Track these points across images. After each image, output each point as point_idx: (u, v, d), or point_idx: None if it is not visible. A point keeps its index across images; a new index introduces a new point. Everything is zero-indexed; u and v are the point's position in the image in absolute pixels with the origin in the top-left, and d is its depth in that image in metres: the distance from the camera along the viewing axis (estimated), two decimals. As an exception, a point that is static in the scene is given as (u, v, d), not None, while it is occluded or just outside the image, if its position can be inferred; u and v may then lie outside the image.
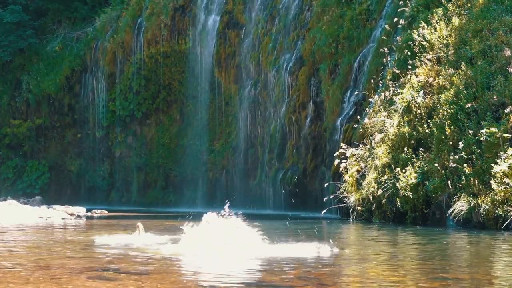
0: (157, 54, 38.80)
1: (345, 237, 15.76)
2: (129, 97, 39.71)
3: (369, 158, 20.33)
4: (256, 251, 10.53)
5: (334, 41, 27.63)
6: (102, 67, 40.62)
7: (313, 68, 28.99)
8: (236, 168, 34.62)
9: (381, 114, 20.62)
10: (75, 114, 41.60)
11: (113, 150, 40.34)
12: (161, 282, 7.95)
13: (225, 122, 36.01)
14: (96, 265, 9.52)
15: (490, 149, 16.43)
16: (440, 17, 21.05)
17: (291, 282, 8.09)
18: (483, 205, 15.90)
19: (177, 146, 38.38)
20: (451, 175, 17.20)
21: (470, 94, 18.16)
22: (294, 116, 29.75)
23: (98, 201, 38.49)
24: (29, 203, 31.13)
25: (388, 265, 9.51)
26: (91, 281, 8.01)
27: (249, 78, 34.46)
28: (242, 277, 8.55)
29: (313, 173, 28.34)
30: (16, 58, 42.67)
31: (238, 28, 35.57)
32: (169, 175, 38.32)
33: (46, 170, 41.80)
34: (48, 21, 43.53)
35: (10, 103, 42.93)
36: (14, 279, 8.15)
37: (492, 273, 8.90)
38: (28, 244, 13.24)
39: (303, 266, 9.38)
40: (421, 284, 7.81)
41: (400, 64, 21.38)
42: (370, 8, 27.03)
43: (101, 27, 41.20)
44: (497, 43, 18.87)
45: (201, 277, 8.61)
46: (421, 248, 12.28)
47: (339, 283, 8.07)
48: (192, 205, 35.41)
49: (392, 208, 18.92)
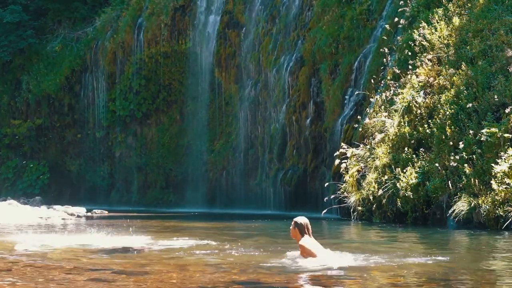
0: (157, 54, 38.78)
1: (346, 237, 15.75)
2: (129, 97, 39.69)
3: (370, 158, 20.32)
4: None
5: (335, 41, 27.62)
6: (102, 67, 40.60)
7: (313, 68, 28.98)
8: (236, 168, 34.60)
9: (381, 114, 20.60)
10: (75, 114, 41.58)
11: (113, 150, 40.31)
12: (162, 282, 7.93)
13: (225, 122, 35.99)
14: (96, 266, 9.51)
15: (491, 149, 16.41)
16: (441, 17, 21.04)
17: (291, 282, 8.07)
18: (483, 205, 15.88)
19: (177, 146, 38.36)
20: (451, 175, 17.18)
21: (470, 94, 18.15)
22: (294, 116, 29.74)
23: (98, 201, 38.44)
24: (29, 203, 31.12)
25: (388, 265, 9.48)
26: (91, 282, 8.00)
27: (249, 78, 34.44)
28: (241, 276, 8.52)
29: (313, 173, 28.32)
30: (16, 58, 42.65)
31: (238, 28, 35.55)
32: (169, 175, 38.29)
33: (46, 170, 41.77)
34: (48, 21, 43.51)
35: (10, 103, 42.91)
36: (14, 279, 8.13)
37: (492, 273, 8.89)
38: (27, 244, 13.21)
39: (303, 265, 9.35)
40: (421, 284, 7.79)
41: (401, 64, 21.36)
42: (370, 8, 27.02)
43: (101, 27, 41.19)
44: (498, 43, 18.85)
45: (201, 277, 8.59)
46: (420, 248, 12.26)
47: (339, 283, 8.05)
48: (192, 205, 35.41)
49: (392, 208, 18.90)
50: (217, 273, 8.81)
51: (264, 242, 13.53)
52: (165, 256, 10.67)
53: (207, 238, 13.93)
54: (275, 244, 12.64)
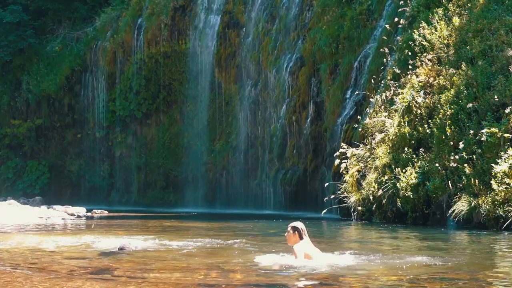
0: (157, 54, 38.79)
1: (346, 237, 15.75)
2: (129, 97, 39.70)
3: (370, 158, 20.32)
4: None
5: (335, 41, 27.62)
6: (102, 67, 40.61)
7: (313, 68, 28.98)
8: (236, 168, 34.60)
9: (381, 114, 20.61)
10: (75, 114, 41.61)
11: (113, 150, 40.32)
12: (162, 281, 7.93)
13: (225, 122, 35.99)
14: (96, 265, 9.51)
15: (491, 149, 16.41)
16: (441, 17, 21.04)
17: (291, 282, 8.08)
18: (483, 205, 15.88)
19: (177, 146, 38.37)
20: (451, 175, 17.18)
21: (470, 94, 18.15)
22: (294, 116, 29.74)
23: (98, 201, 38.47)
24: (29, 203, 31.12)
25: (388, 265, 9.48)
26: (91, 281, 8.00)
27: (249, 78, 34.45)
28: (242, 276, 8.53)
29: (313, 173, 28.32)
30: (16, 58, 42.67)
31: (238, 28, 35.56)
32: (169, 175, 38.29)
33: (46, 170, 41.79)
34: (48, 21, 43.52)
35: (10, 103, 42.94)
36: (14, 279, 8.13)
37: (492, 273, 8.89)
38: (27, 244, 13.22)
39: (303, 265, 9.35)
40: (421, 284, 7.79)
41: (401, 64, 21.36)
42: (370, 8, 27.02)
43: (101, 27, 41.21)
44: (498, 43, 18.85)
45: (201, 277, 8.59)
46: (421, 248, 12.26)
47: (340, 283, 8.05)
48: (192, 205, 35.43)
49: (392, 208, 18.91)
50: (217, 273, 8.81)
51: (264, 242, 13.53)
52: (165, 256, 10.67)
53: (207, 238, 13.94)
54: (275, 244, 12.64)
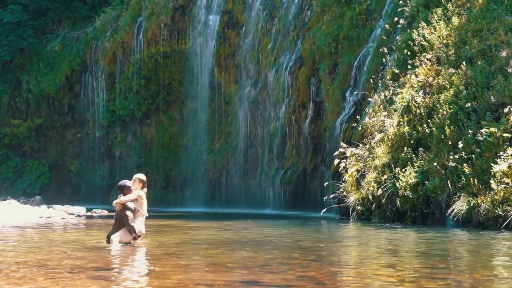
0: (157, 54, 38.81)
1: (345, 237, 15.77)
2: (129, 97, 39.72)
3: (369, 158, 20.34)
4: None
5: (334, 41, 27.65)
6: (102, 67, 40.63)
7: (313, 68, 29.01)
8: (236, 168, 34.62)
9: (380, 114, 20.63)
10: (75, 114, 41.62)
11: (113, 150, 40.34)
12: (162, 281, 7.95)
13: (225, 122, 36.01)
14: (97, 264, 9.53)
15: (490, 149, 16.43)
16: (440, 17, 21.06)
17: (291, 281, 8.10)
18: (482, 204, 15.90)
19: (177, 146, 38.39)
20: (450, 175, 17.20)
21: (469, 94, 18.17)
22: (294, 116, 29.76)
23: (98, 201, 38.45)
24: (29, 202, 31.13)
25: (388, 265, 9.51)
26: (91, 281, 8.02)
27: (249, 78, 34.47)
28: (242, 275, 8.55)
29: (312, 173, 28.35)
30: (16, 58, 42.68)
31: (238, 28, 35.58)
32: (169, 175, 38.31)
33: (46, 170, 41.81)
34: (48, 21, 43.53)
35: (10, 103, 42.95)
36: (16, 277, 8.15)
37: (492, 273, 8.91)
38: (27, 243, 13.25)
39: (302, 265, 9.38)
40: (421, 284, 7.81)
41: (400, 64, 21.39)
42: (370, 7, 27.05)
43: (101, 27, 41.22)
44: (497, 43, 18.87)
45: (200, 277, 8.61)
46: (420, 248, 12.28)
47: (339, 283, 8.08)
48: (192, 205, 35.43)
49: (391, 208, 18.93)
50: (217, 273, 8.83)
51: (264, 242, 13.56)
52: (165, 256, 10.69)
53: (207, 237, 13.96)
54: (275, 244, 12.66)
